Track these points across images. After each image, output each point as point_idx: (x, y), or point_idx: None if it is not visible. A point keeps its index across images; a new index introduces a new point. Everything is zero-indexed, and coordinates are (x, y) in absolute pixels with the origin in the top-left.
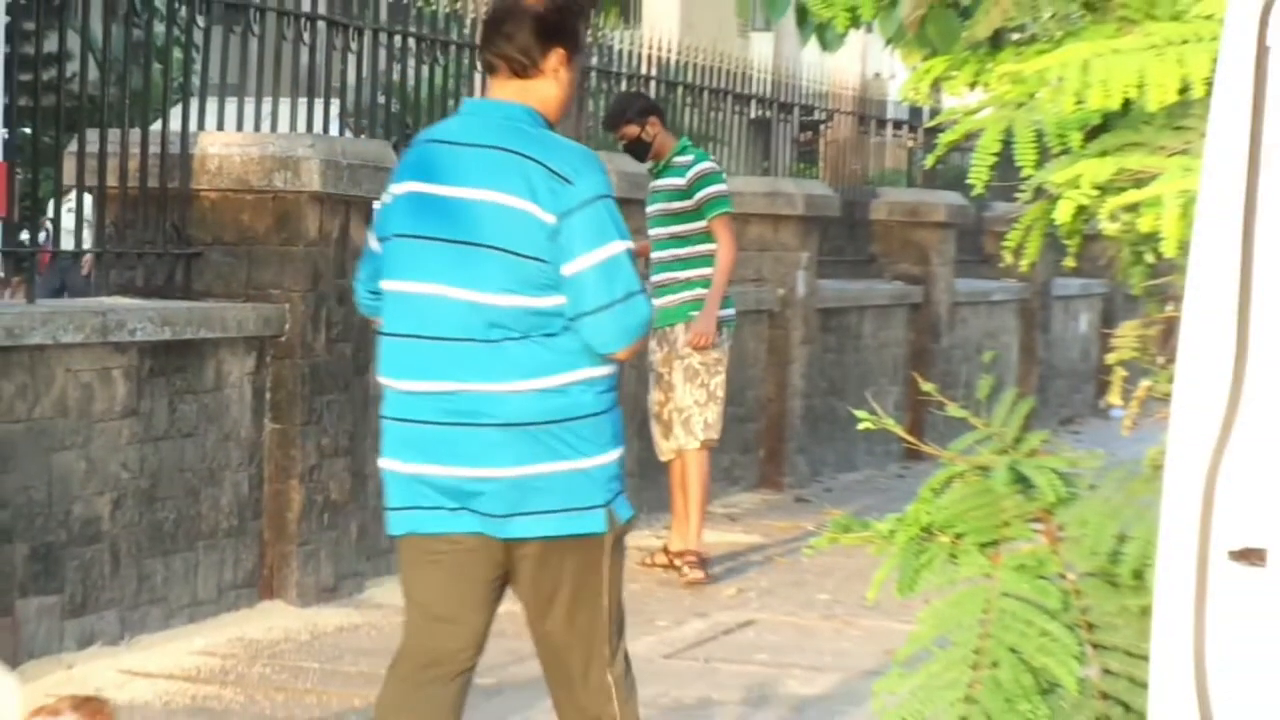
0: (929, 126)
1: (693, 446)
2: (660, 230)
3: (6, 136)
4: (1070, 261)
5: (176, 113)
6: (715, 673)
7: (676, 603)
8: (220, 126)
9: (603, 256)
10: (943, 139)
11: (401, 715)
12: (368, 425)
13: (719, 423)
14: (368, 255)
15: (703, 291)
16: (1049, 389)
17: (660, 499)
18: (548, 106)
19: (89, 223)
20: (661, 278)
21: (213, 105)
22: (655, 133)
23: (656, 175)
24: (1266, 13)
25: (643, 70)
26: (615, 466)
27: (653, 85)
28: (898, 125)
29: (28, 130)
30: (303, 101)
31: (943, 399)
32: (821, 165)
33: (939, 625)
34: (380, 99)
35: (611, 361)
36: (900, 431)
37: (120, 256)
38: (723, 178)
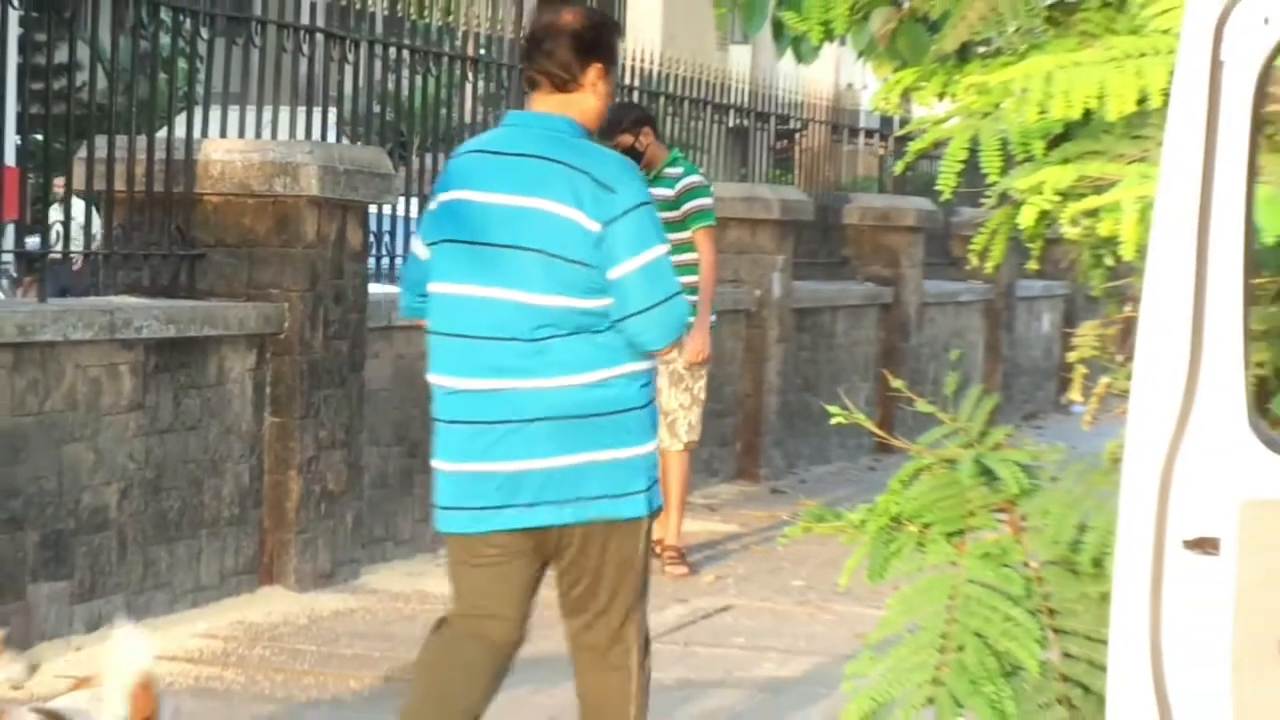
0: (899, 135)
1: (676, 448)
2: None
3: (19, 143)
4: (1033, 264)
5: (181, 120)
6: (694, 655)
7: (657, 589)
8: (223, 134)
9: (645, 260)
10: (912, 147)
11: (441, 673)
12: (363, 419)
13: (700, 424)
14: (414, 260)
15: (691, 299)
16: (1013, 386)
17: None
18: (587, 118)
19: (84, 226)
20: None
21: (216, 113)
22: (648, 143)
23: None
24: (1220, 28)
25: (626, 81)
26: (653, 456)
27: (636, 95)
28: (869, 134)
29: (39, 137)
30: (301, 110)
31: (912, 395)
32: (797, 172)
33: (908, 611)
34: (376, 108)
35: (652, 358)
36: (871, 426)
37: (127, 257)
38: (710, 191)
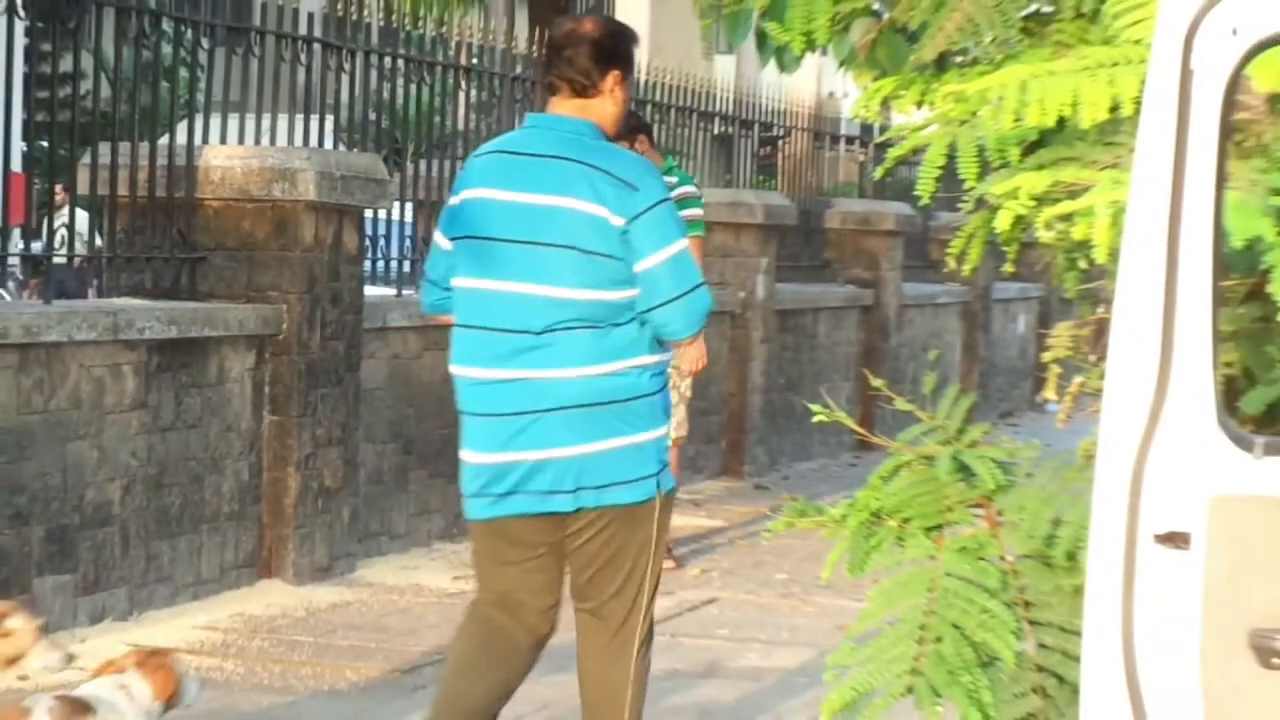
0: (879, 142)
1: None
2: None
3: (25, 149)
4: (1009, 267)
5: (183, 128)
6: (680, 646)
7: None
8: (223, 140)
9: (670, 254)
10: (891, 153)
11: (474, 643)
12: (359, 417)
13: (686, 421)
14: (438, 255)
15: None
16: (989, 385)
17: None
18: (605, 121)
19: (83, 231)
20: None
21: (216, 121)
22: (644, 150)
23: None
24: (1190, 39)
25: None
26: (664, 440)
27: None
28: (850, 141)
29: (45, 143)
30: (299, 117)
31: (891, 394)
32: (780, 177)
33: (887, 603)
34: (371, 115)
35: (673, 348)
36: (852, 424)
37: (130, 260)
38: (700, 202)
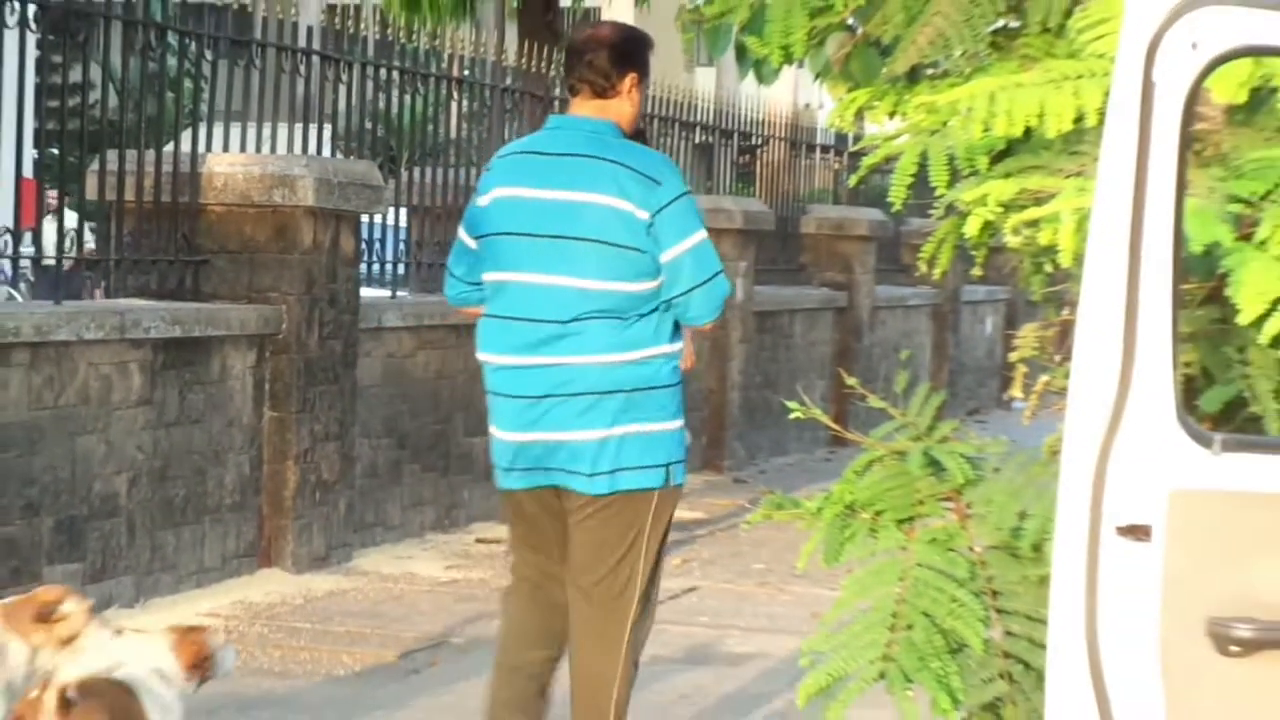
0: (853, 150)
1: None
2: None
3: (36, 156)
4: (978, 270)
5: (187, 136)
6: (663, 633)
7: None
8: (225, 148)
9: (692, 244)
10: (865, 161)
11: (518, 607)
12: (355, 413)
13: None
14: (462, 252)
15: None
16: (958, 383)
17: None
18: (624, 120)
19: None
20: None
21: (219, 129)
22: None
23: None
24: (1152, 53)
25: None
26: (681, 433)
27: None
28: (825, 149)
29: (55, 151)
30: (298, 126)
31: (865, 392)
32: (758, 185)
33: (861, 592)
34: (367, 125)
35: (699, 334)
36: (827, 420)
37: (136, 263)
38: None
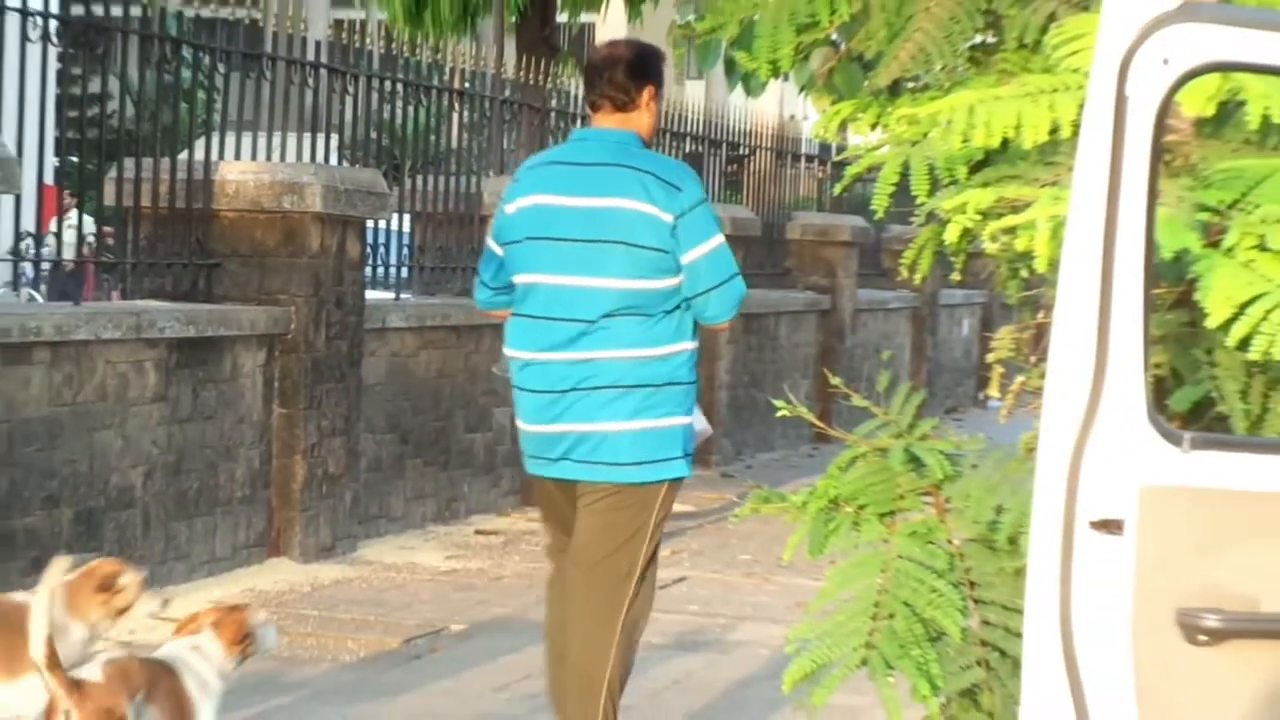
0: (837, 160)
1: None
2: None
3: (57, 164)
4: (957, 275)
5: (200, 145)
6: (654, 621)
7: None
8: (237, 156)
9: (711, 247)
10: (849, 171)
11: (559, 595)
12: (360, 410)
13: None
14: (490, 259)
15: None
16: (936, 383)
17: None
18: (643, 131)
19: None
20: None
21: (231, 139)
22: None
23: None
24: (1125, 67)
25: None
26: (690, 428)
27: None
28: (809, 159)
29: (74, 159)
30: (307, 136)
31: (848, 391)
32: (745, 193)
33: (844, 582)
34: (372, 134)
35: (715, 332)
36: (812, 418)
37: (152, 266)
38: None
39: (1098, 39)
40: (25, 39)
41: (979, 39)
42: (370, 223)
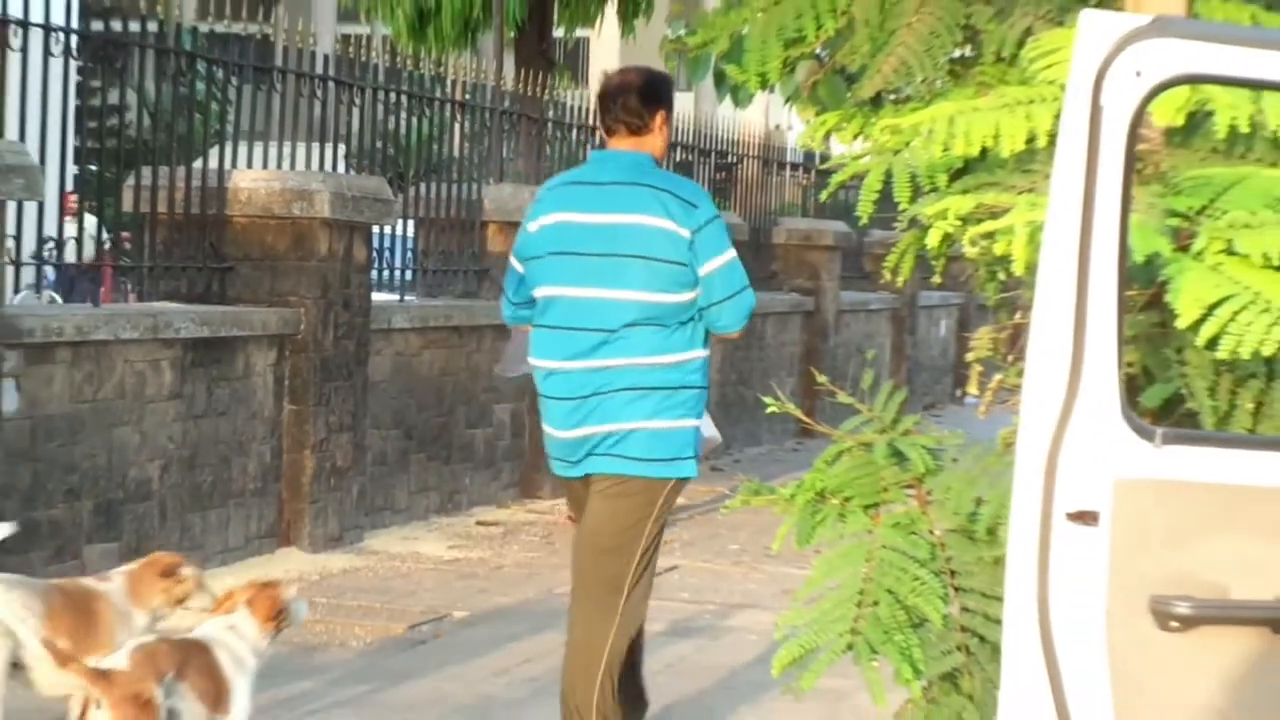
0: (821, 168)
1: None
2: None
3: (76, 172)
4: (938, 278)
5: (214, 154)
6: (648, 608)
7: None
8: (249, 165)
9: (724, 261)
10: (835, 178)
11: (582, 574)
12: (367, 407)
13: None
14: (512, 275)
15: None
16: (915, 381)
17: None
18: (656, 152)
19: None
20: None
21: (243, 148)
22: None
23: None
24: (1100, 79)
25: (589, 122)
26: (698, 431)
27: (597, 134)
28: (794, 167)
29: (93, 167)
30: (315, 145)
31: (834, 389)
32: (733, 199)
33: (830, 571)
34: (378, 143)
35: (727, 340)
36: (800, 414)
37: (168, 269)
38: None
39: (1074, 52)
40: (48, 53)
41: (958, 53)
42: (376, 228)
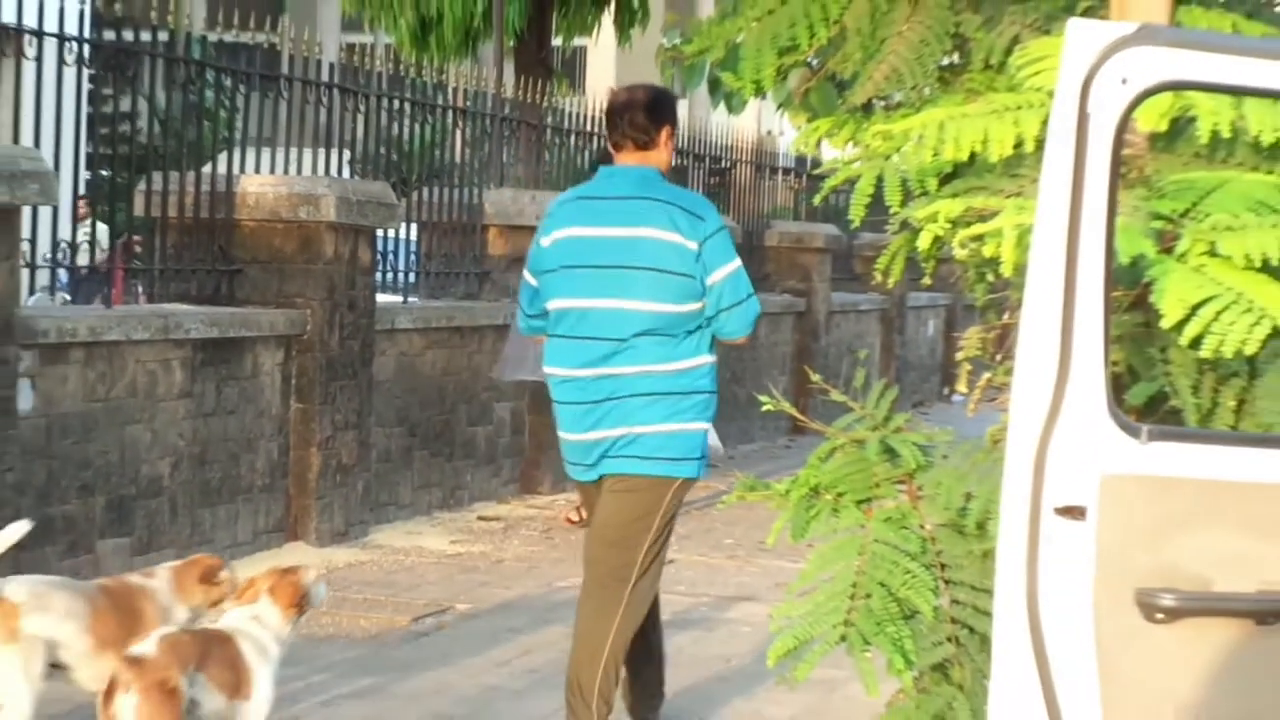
0: (814, 173)
1: None
2: None
3: (89, 178)
4: (927, 279)
5: (222, 159)
6: (657, 601)
7: None
8: (257, 170)
9: (730, 270)
10: (828, 183)
11: (591, 565)
12: (371, 405)
13: None
14: (526, 289)
15: None
16: (904, 380)
17: None
18: (662, 166)
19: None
20: None
21: (250, 154)
22: None
23: None
24: (1087, 87)
25: (587, 128)
26: (704, 434)
27: (596, 140)
28: (786, 171)
29: (106, 173)
30: (321, 151)
31: (827, 387)
32: (727, 203)
33: (824, 564)
34: (381, 150)
35: (734, 346)
36: (795, 412)
37: (178, 272)
38: None
39: (1062, 60)
40: (62, 62)
41: (947, 60)
42: (380, 231)
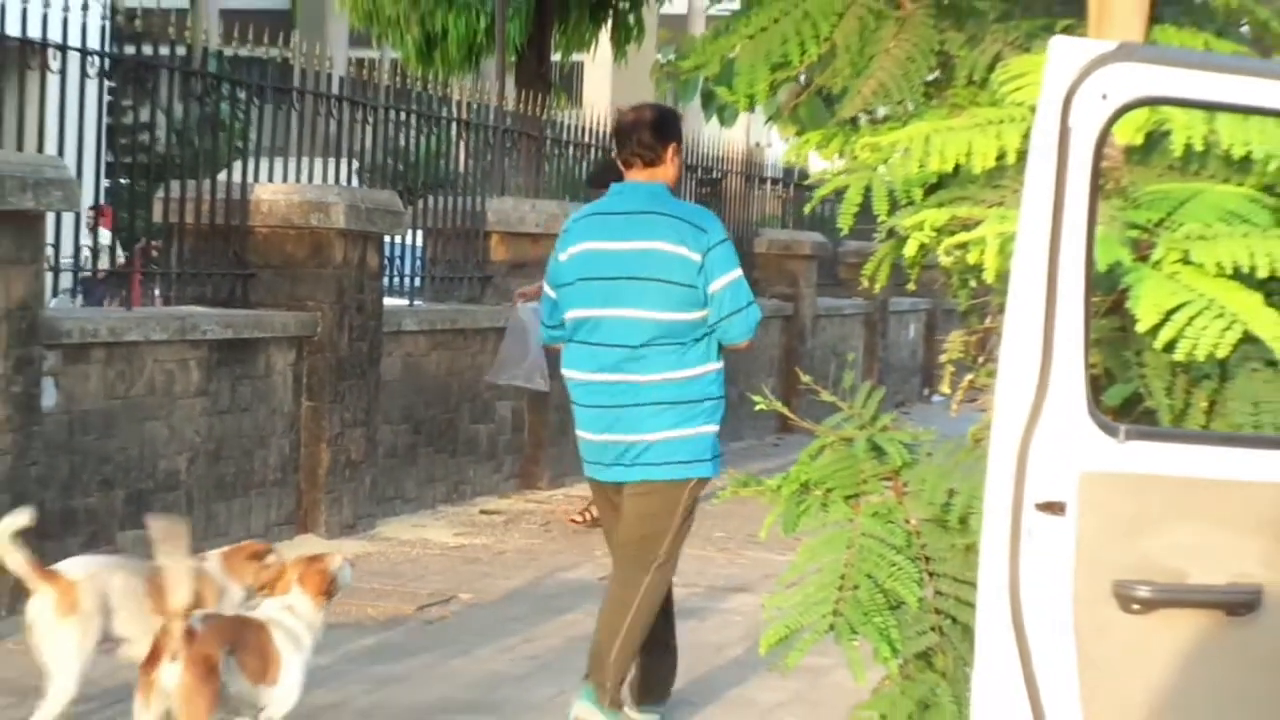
0: (803, 184)
1: None
2: None
3: (109, 185)
4: (912, 285)
5: (236, 168)
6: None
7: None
8: (269, 179)
9: (731, 279)
10: (818, 192)
11: (617, 550)
12: (379, 404)
13: None
14: (546, 301)
15: None
16: (886, 381)
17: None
18: (669, 181)
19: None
20: None
21: (264, 163)
22: None
23: None
24: (1069, 101)
25: (584, 140)
26: (714, 436)
27: (593, 151)
28: (774, 181)
29: (124, 181)
30: (330, 160)
31: (817, 388)
32: (718, 212)
33: (813, 557)
34: (388, 159)
35: (737, 351)
36: (786, 412)
37: (194, 276)
38: None
39: (1044, 76)
40: (84, 75)
41: (932, 76)
42: (387, 238)
